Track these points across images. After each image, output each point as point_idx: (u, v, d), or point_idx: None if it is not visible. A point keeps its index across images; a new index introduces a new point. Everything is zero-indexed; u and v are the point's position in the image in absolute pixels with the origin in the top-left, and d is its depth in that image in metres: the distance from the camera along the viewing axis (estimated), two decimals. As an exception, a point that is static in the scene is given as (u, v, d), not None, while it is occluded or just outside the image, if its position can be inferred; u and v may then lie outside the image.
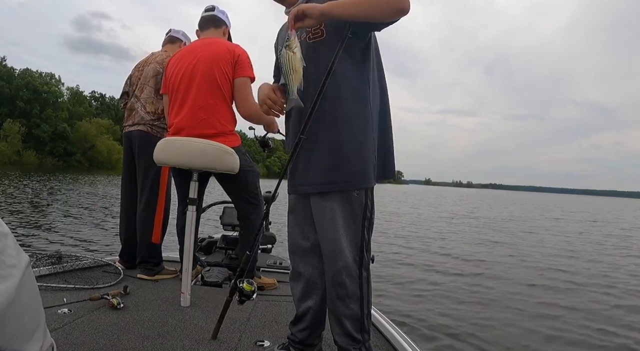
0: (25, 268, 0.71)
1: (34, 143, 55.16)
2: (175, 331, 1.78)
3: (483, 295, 5.26)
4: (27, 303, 0.70)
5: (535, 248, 9.88)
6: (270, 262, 3.12)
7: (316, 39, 1.46)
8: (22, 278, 0.68)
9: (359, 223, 1.45)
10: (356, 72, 1.44)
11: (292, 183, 1.54)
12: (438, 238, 10.65)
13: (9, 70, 56.53)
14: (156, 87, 2.74)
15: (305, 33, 1.48)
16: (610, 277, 6.87)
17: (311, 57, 1.44)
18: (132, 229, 2.78)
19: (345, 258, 1.42)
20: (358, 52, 1.45)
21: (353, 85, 1.44)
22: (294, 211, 1.58)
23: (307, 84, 1.42)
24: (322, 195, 1.45)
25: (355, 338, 1.46)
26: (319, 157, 1.43)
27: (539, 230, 14.47)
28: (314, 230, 1.51)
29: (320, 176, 1.44)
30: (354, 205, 1.44)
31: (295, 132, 1.48)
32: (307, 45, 1.47)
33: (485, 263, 7.46)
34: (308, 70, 1.42)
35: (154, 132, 2.71)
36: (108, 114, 71.13)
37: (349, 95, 1.42)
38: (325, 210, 1.44)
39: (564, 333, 4.05)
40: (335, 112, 1.42)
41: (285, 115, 1.59)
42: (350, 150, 1.42)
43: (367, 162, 1.44)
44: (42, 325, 0.76)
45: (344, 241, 1.43)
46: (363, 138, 1.43)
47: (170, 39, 3.00)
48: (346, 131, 1.42)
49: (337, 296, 1.46)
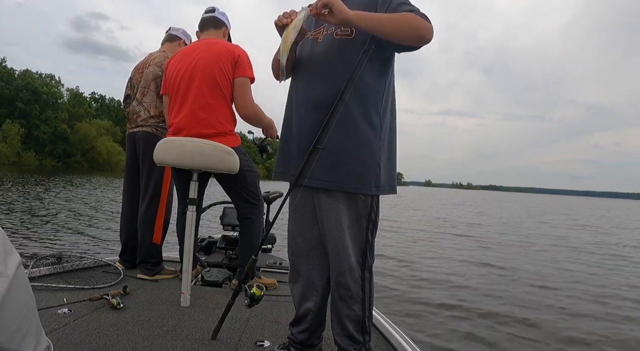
0: (14, 272, 0.69)
1: (34, 144, 55.09)
2: (175, 331, 1.78)
3: (484, 295, 5.26)
4: (15, 308, 0.69)
5: (545, 252, 9.87)
6: (270, 262, 3.11)
7: (343, 36, 1.45)
8: (10, 284, 0.67)
9: (364, 225, 1.45)
10: (374, 80, 1.44)
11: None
12: (439, 238, 10.65)
13: (8, 71, 56.50)
14: (157, 90, 2.74)
15: (334, 27, 1.46)
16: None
17: (333, 53, 1.44)
18: (132, 229, 2.78)
19: (349, 260, 1.42)
20: (378, 62, 1.45)
21: (368, 92, 1.43)
22: (296, 208, 1.56)
23: (322, 79, 1.42)
24: (329, 193, 1.44)
25: (356, 339, 1.46)
26: (327, 155, 1.42)
27: (547, 237, 14.44)
28: (316, 230, 1.51)
29: (327, 173, 1.42)
30: (359, 206, 1.44)
31: (304, 128, 1.46)
32: (332, 41, 1.46)
33: (488, 265, 7.45)
34: (324, 66, 1.43)
35: (158, 133, 2.71)
36: (108, 115, 71.06)
37: (362, 100, 1.42)
38: (331, 210, 1.44)
39: (564, 332, 4.05)
40: (347, 116, 1.41)
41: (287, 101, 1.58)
42: (359, 154, 1.42)
43: (374, 167, 1.43)
44: (34, 328, 0.75)
45: (349, 242, 1.43)
46: (372, 145, 1.43)
47: (169, 37, 2.99)
48: (356, 135, 1.41)
49: (339, 298, 1.46)
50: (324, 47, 1.47)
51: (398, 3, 1.40)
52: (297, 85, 1.54)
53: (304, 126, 1.47)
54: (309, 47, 1.53)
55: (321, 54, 1.47)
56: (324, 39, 1.49)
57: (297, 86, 1.54)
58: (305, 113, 1.48)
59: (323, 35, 1.49)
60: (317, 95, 1.44)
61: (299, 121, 1.50)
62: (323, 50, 1.47)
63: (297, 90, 1.54)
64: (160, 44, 3.02)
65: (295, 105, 1.53)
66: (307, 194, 1.51)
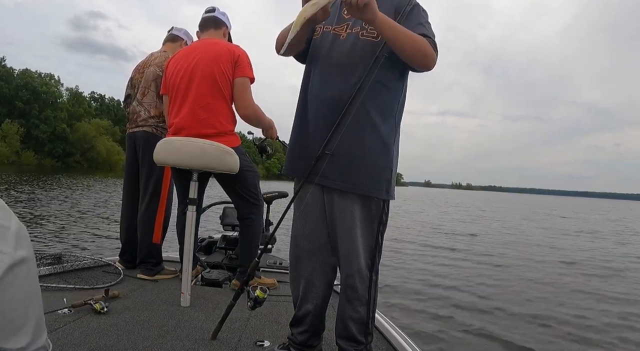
0: (19, 263, 0.69)
1: (33, 143, 55.09)
2: (175, 331, 1.78)
3: (484, 296, 5.27)
4: (13, 297, 0.68)
5: (547, 255, 9.86)
6: (270, 262, 3.11)
7: (369, 38, 1.43)
8: (12, 269, 0.67)
9: (375, 227, 1.45)
10: (393, 86, 1.45)
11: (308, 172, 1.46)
12: (440, 238, 10.65)
13: (8, 70, 56.49)
14: (157, 90, 2.73)
15: (359, 27, 1.44)
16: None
17: (356, 53, 1.42)
18: (132, 229, 2.78)
19: (359, 262, 1.43)
20: (398, 69, 1.45)
21: (388, 96, 1.44)
22: (305, 207, 1.52)
23: (341, 77, 1.41)
24: (343, 194, 1.43)
25: (359, 340, 1.46)
26: (343, 156, 1.41)
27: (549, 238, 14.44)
28: (322, 231, 1.50)
29: (343, 173, 1.41)
30: (372, 208, 1.44)
31: (319, 125, 1.44)
32: (357, 41, 1.44)
33: (489, 266, 7.45)
34: (345, 64, 1.42)
35: (158, 133, 2.70)
36: (107, 115, 71.05)
37: (381, 104, 1.43)
38: (345, 211, 1.43)
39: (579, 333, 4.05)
40: (365, 118, 1.40)
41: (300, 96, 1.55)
42: (377, 157, 1.42)
43: (387, 172, 1.44)
44: (33, 323, 0.74)
45: (360, 244, 1.43)
46: (389, 150, 1.44)
47: (171, 37, 2.98)
48: (375, 138, 1.41)
49: (347, 300, 1.46)
50: (347, 46, 1.44)
51: (418, 22, 1.41)
52: (313, 79, 1.50)
53: (319, 123, 1.45)
54: (329, 42, 1.49)
55: (343, 52, 1.44)
56: (347, 37, 1.46)
57: (313, 80, 1.50)
58: (320, 109, 1.45)
59: (346, 33, 1.46)
60: (334, 92, 1.42)
61: (313, 116, 1.47)
62: (346, 49, 1.44)
63: (312, 85, 1.50)
64: (161, 44, 3.02)
65: (309, 99, 1.50)
66: (317, 193, 1.49)
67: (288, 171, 1.57)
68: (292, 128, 1.58)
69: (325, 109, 1.43)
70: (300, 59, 1.61)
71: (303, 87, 1.55)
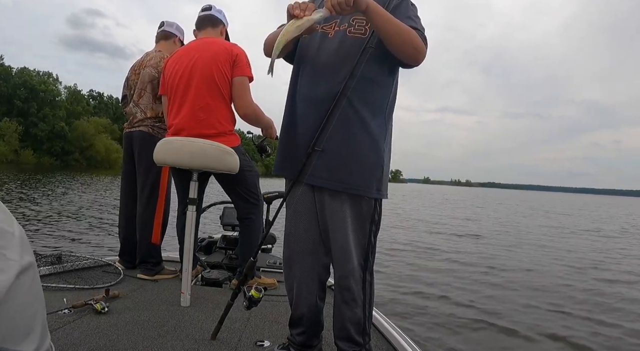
0: (27, 268, 0.70)
1: (32, 142, 54.98)
2: (175, 331, 1.78)
3: (485, 295, 5.27)
4: (22, 302, 0.69)
5: (547, 252, 9.88)
6: (270, 262, 3.12)
7: (357, 35, 1.41)
8: (20, 276, 0.67)
9: (367, 227, 1.44)
10: (383, 82, 1.43)
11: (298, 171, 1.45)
12: (440, 239, 10.66)
13: (6, 68, 56.31)
14: (153, 92, 2.72)
15: (347, 24, 1.43)
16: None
17: (344, 50, 1.40)
18: (131, 229, 2.78)
19: (352, 262, 1.42)
20: (388, 65, 1.43)
21: (377, 94, 1.42)
22: (295, 207, 1.52)
23: (329, 76, 1.39)
24: (333, 194, 1.42)
25: (357, 341, 1.46)
26: (333, 154, 1.39)
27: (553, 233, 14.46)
28: (313, 231, 1.50)
29: (332, 173, 1.40)
30: (363, 208, 1.42)
31: (308, 124, 1.42)
32: (344, 38, 1.42)
33: (488, 263, 7.46)
34: (333, 63, 1.40)
35: (155, 133, 2.70)
36: (106, 113, 70.96)
37: (371, 102, 1.41)
38: (336, 211, 1.42)
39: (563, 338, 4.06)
40: (355, 116, 1.39)
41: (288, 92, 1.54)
42: (367, 156, 1.40)
43: (378, 171, 1.42)
44: (39, 327, 0.75)
45: (352, 244, 1.42)
46: (379, 148, 1.42)
47: (164, 34, 2.93)
48: (364, 136, 1.40)
49: (342, 301, 1.45)
50: (335, 44, 1.43)
51: (407, 16, 1.39)
52: (302, 79, 1.49)
53: (308, 122, 1.43)
54: (318, 41, 1.47)
55: (332, 50, 1.43)
56: (335, 35, 1.45)
57: (302, 80, 1.49)
58: (309, 109, 1.44)
59: (334, 31, 1.45)
60: (322, 91, 1.40)
61: (302, 116, 1.46)
62: (334, 47, 1.43)
63: (300, 85, 1.49)
64: (154, 42, 2.97)
65: (297, 99, 1.48)
66: (308, 193, 1.48)
67: (277, 171, 1.55)
68: (280, 129, 1.56)
69: (314, 108, 1.42)
70: (288, 59, 1.59)
71: (291, 86, 1.53)
